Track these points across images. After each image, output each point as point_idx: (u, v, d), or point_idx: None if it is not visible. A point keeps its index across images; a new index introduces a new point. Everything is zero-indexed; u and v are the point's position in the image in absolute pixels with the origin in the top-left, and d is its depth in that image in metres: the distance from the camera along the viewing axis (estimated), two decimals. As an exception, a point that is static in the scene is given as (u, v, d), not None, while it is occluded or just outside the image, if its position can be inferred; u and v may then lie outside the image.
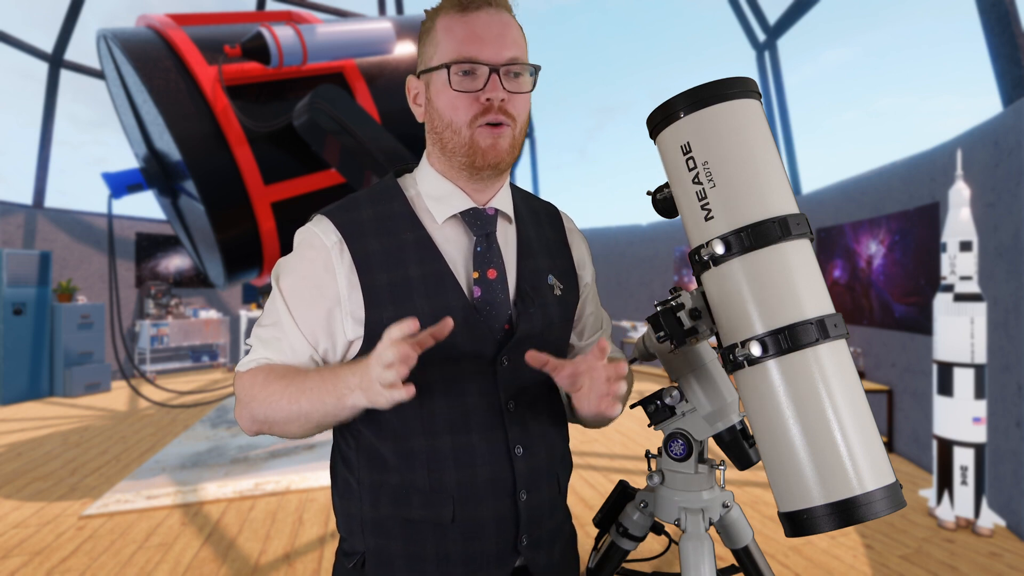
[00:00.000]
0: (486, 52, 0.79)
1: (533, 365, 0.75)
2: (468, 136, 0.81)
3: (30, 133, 7.26)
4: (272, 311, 0.85)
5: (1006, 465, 2.90)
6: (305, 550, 2.75)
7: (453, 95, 0.80)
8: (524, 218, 0.93)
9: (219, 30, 4.22)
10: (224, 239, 3.94)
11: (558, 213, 1.01)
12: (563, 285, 0.92)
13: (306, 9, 7.45)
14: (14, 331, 6.25)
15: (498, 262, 0.86)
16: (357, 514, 0.85)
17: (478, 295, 0.83)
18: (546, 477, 0.87)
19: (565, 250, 0.97)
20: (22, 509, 3.25)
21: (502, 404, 0.83)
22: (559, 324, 0.91)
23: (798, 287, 0.72)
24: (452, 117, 0.81)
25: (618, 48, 62.54)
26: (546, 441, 0.88)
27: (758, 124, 0.77)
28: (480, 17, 0.79)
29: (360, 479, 0.84)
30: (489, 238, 0.86)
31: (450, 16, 0.81)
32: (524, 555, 0.85)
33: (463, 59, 0.78)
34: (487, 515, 0.82)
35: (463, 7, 0.80)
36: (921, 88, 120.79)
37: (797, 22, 6.15)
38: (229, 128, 3.72)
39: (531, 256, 0.90)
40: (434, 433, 0.81)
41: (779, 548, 2.73)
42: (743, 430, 0.90)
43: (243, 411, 0.82)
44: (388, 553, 0.83)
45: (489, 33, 0.79)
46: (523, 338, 0.84)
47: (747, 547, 0.96)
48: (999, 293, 2.98)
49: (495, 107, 0.79)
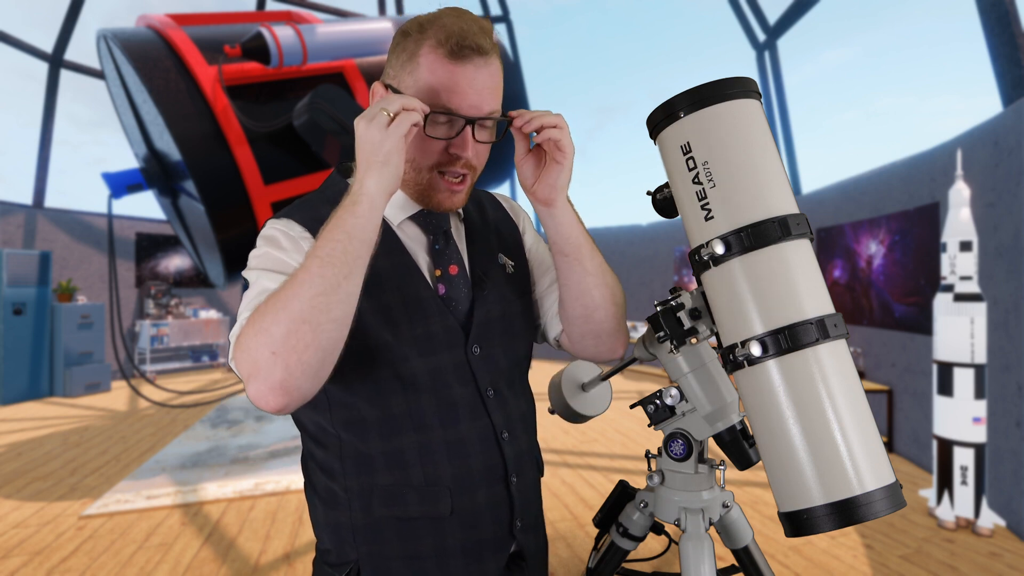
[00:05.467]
0: (466, 106, 0.77)
1: (516, 125, 0.81)
2: (427, 179, 0.81)
3: (30, 133, 7.27)
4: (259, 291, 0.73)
5: (1006, 465, 2.90)
6: (305, 550, 2.75)
7: (422, 139, 0.79)
8: (468, 208, 0.95)
9: (219, 30, 4.23)
10: (224, 239, 3.94)
11: (494, 195, 1.04)
12: (513, 261, 0.95)
13: (306, 9, 7.45)
14: (14, 331, 6.25)
15: (457, 258, 0.88)
16: (347, 522, 0.83)
17: (443, 292, 0.85)
18: (528, 460, 0.90)
19: (509, 225, 0.99)
20: (22, 509, 3.25)
21: (482, 392, 0.85)
22: (517, 300, 0.93)
23: (798, 287, 0.72)
24: (416, 156, 0.80)
25: (618, 48, 62.60)
26: (524, 424, 0.91)
27: (758, 124, 0.77)
28: (467, 69, 0.76)
29: (347, 486, 0.82)
30: (447, 235, 0.88)
31: (438, 56, 0.76)
32: (518, 539, 0.87)
33: (442, 109, 0.76)
34: (483, 503, 0.83)
35: (453, 55, 0.76)
36: (921, 88, 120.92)
37: (797, 22, 6.16)
38: (229, 128, 3.72)
39: (479, 240, 0.92)
40: (424, 428, 0.81)
41: (779, 548, 2.73)
42: (743, 430, 0.89)
43: (259, 349, 0.63)
44: (384, 557, 0.82)
45: (473, 87, 0.77)
46: (485, 322, 0.86)
47: (747, 547, 0.96)
48: (999, 293, 2.98)
49: (461, 161, 0.80)
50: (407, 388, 0.81)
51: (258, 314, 0.65)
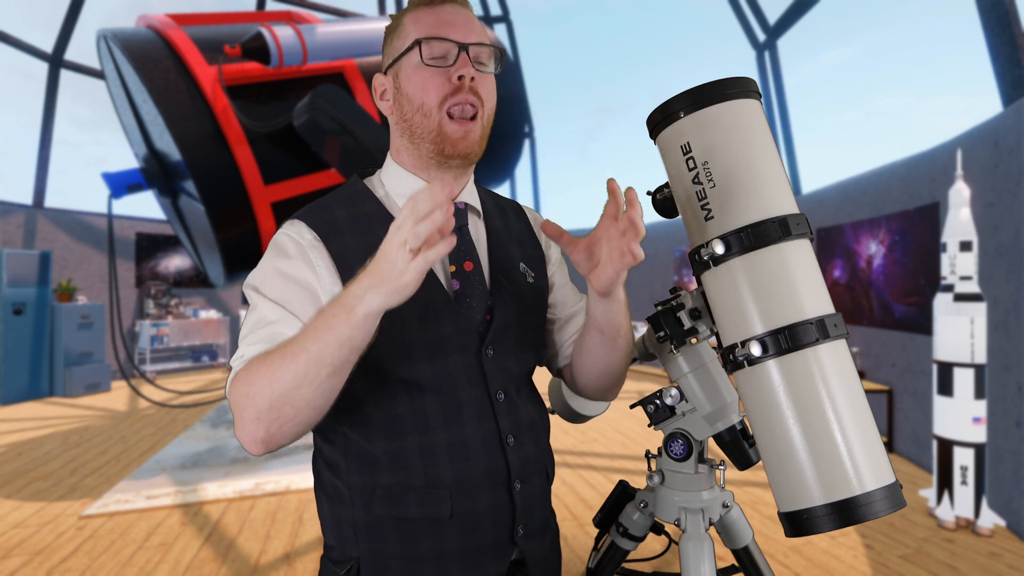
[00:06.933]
0: (455, 33, 0.81)
1: (548, 234, 0.77)
2: (438, 121, 0.81)
3: (30, 133, 7.27)
4: (256, 315, 0.77)
5: (1006, 465, 2.90)
6: (305, 550, 2.75)
7: (424, 74, 0.81)
8: (491, 212, 0.95)
9: (219, 30, 4.22)
10: (224, 239, 3.94)
11: (521, 207, 1.03)
12: (534, 272, 0.94)
13: (306, 9, 7.45)
14: (14, 331, 6.25)
15: (473, 254, 0.87)
16: (349, 519, 0.83)
17: (457, 288, 0.84)
18: (536, 467, 0.89)
19: (532, 239, 0.99)
20: (22, 509, 3.25)
21: (491, 395, 0.84)
22: (535, 310, 0.93)
23: (798, 287, 0.72)
24: (423, 99, 0.81)
25: (618, 48, 62.57)
26: (533, 431, 0.89)
27: (758, 124, 0.77)
28: (447, 8, 0.83)
29: (351, 483, 0.83)
30: (462, 231, 0.87)
31: (418, 10, 0.84)
32: (520, 546, 0.86)
33: (434, 36, 0.81)
34: (484, 508, 0.82)
35: (431, 3, 0.84)
36: (921, 88, 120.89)
37: (797, 22, 6.15)
38: (229, 128, 3.72)
39: (501, 246, 0.92)
40: (428, 429, 0.81)
41: (779, 548, 2.73)
42: (743, 430, 0.90)
43: (245, 412, 0.69)
44: (383, 555, 0.82)
45: (457, 19, 0.82)
46: (503, 326, 0.86)
47: (747, 547, 0.97)
48: (999, 293, 2.98)
49: (466, 87, 0.80)
50: (412, 389, 0.81)
51: (251, 374, 0.70)
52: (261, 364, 0.69)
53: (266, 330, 0.75)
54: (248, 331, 0.77)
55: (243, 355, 0.74)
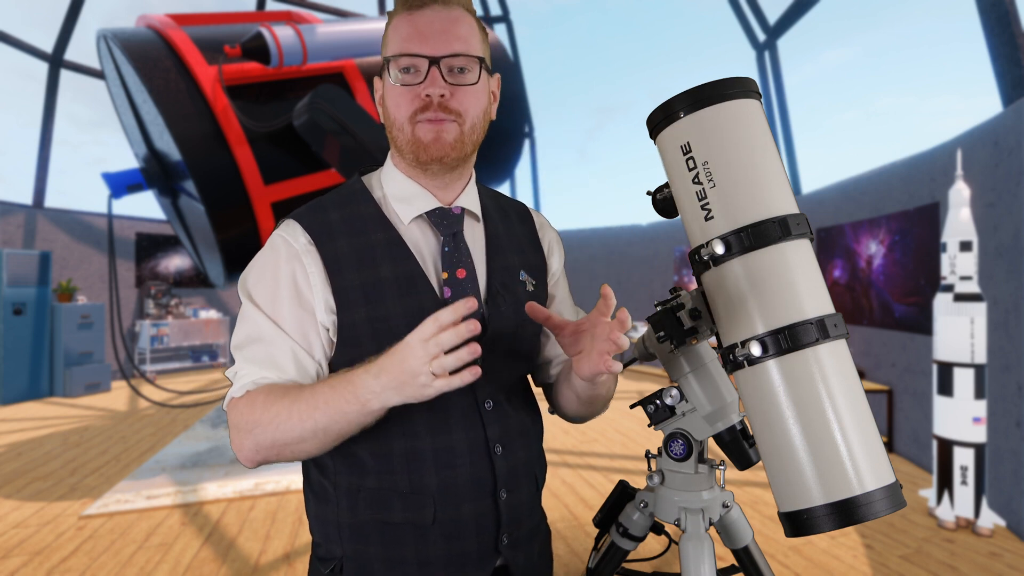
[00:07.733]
0: (427, 47, 0.79)
1: (534, 318, 0.78)
2: (410, 132, 0.81)
3: (30, 133, 7.27)
4: (251, 326, 0.80)
5: (1006, 465, 2.90)
6: (305, 550, 2.75)
7: (395, 92, 0.81)
8: (492, 215, 0.93)
9: (219, 30, 4.23)
10: (224, 239, 3.95)
11: (528, 210, 1.01)
12: (535, 281, 0.93)
13: (306, 9, 7.46)
14: (14, 331, 6.25)
15: (467, 261, 0.86)
16: (334, 519, 0.83)
17: (448, 295, 0.83)
18: (524, 475, 0.88)
19: (536, 245, 0.97)
20: (22, 509, 3.25)
21: (480, 403, 0.83)
22: (531, 320, 0.91)
23: (798, 287, 0.72)
24: (396, 114, 0.81)
25: (618, 48, 62.52)
26: (523, 439, 0.89)
27: (758, 124, 0.77)
28: (425, 14, 0.80)
29: (337, 483, 0.83)
30: (456, 237, 0.86)
31: (399, 15, 0.82)
32: (504, 555, 0.85)
33: (402, 54, 0.79)
34: (468, 515, 0.82)
35: (409, 6, 0.81)
36: (921, 88, 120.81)
37: (797, 22, 6.16)
38: (229, 128, 3.72)
39: (501, 253, 0.90)
40: (414, 435, 0.81)
41: (779, 548, 2.73)
42: (743, 430, 0.89)
43: (245, 439, 0.76)
44: (367, 558, 0.82)
45: (432, 29, 0.79)
46: (496, 336, 0.85)
47: (747, 547, 0.96)
48: (999, 293, 2.98)
49: (434, 103, 0.79)
50: None
51: (254, 411, 0.75)
52: (265, 409, 0.74)
53: (261, 349, 0.79)
54: (242, 341, 0.81)
55: (239, 374, 0.80)
